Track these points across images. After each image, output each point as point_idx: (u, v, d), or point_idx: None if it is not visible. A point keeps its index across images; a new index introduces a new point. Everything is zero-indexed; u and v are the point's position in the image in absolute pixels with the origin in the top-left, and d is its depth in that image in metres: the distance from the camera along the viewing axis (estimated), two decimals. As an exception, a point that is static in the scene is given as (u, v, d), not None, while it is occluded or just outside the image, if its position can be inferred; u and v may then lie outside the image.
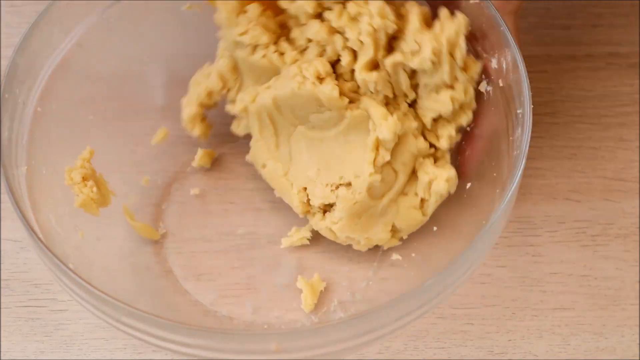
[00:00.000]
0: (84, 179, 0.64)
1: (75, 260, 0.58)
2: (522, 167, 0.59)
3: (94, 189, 0.64)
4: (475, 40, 0.65)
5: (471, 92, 0.64)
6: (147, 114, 0.73)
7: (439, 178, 0.65)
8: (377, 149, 0.64)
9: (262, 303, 0.68)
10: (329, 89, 0.64)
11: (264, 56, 0.66)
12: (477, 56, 0.65)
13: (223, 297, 0.68)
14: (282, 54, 0.66)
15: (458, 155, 0.68)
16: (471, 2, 0.64)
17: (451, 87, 0.63)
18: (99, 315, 0.57)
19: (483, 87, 0.65)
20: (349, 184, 0.66)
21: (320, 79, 0.64)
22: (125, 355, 0.67)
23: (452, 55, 0.62)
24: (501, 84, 0.64)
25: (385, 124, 0.63)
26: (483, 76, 0.65)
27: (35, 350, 0.67)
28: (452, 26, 0.62)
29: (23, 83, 0.64)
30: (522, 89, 0.61)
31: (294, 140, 0.68)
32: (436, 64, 0.62)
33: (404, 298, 0.55)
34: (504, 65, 0.63)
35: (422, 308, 0.57)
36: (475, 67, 0.64)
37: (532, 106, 0.61)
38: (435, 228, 0.67)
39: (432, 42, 0.61)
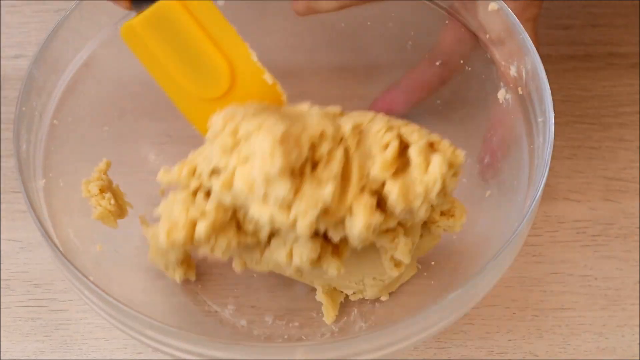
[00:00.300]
0: (101, 190, 0.63)
1: (95, 273, 0.58)
2: (545, 175, 0.58)
3: (112, 200, 0.63)
4: (494, 46, 0.64)
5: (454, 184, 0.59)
6: (163, 124, 0.72)
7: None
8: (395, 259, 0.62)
9: (281, 313, 0.67)
10: (334, 271, 0.59)
11: (238, 257, 0.60)
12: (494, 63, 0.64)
13: (242, 308, 0.67)
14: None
15: (477, 163, 0.67)
16: (490, 9, 0.63)
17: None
18: (120, 327, 0.56)
19: (502, 95, 0.64)
20: (374, 278, 0.64)
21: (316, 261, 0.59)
22: (125, 355, 0.67)
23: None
24: (520, 92, 0.63)
25: (399, 248, 0.61)
26: (502, 84, 0.64)
27: (35, 350, 0.67)
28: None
29: (40, 95, 0.63)
30: (543, 97, 0.60)
31: None
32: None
33: (434, 309, 0.54)
34: (524, 73, 0.62)
35: (448, 318, 0.57)
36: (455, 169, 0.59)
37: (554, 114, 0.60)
38: (454, 236, 0.66)
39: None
